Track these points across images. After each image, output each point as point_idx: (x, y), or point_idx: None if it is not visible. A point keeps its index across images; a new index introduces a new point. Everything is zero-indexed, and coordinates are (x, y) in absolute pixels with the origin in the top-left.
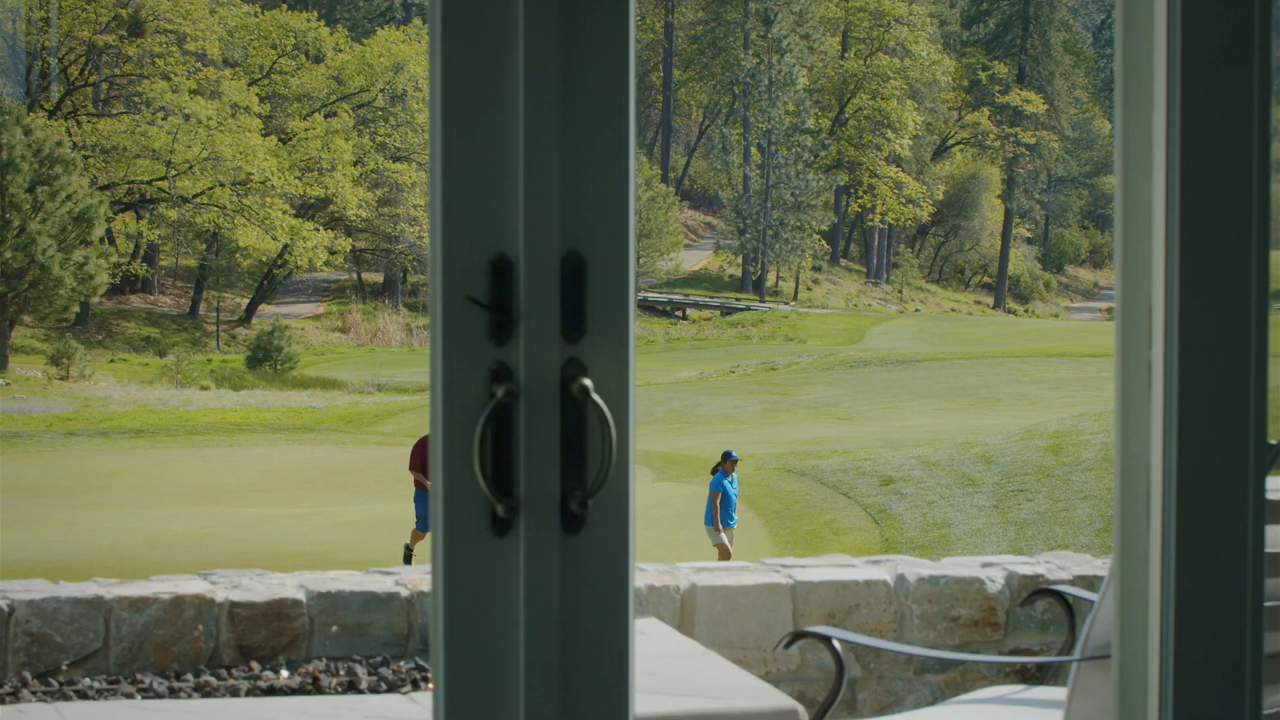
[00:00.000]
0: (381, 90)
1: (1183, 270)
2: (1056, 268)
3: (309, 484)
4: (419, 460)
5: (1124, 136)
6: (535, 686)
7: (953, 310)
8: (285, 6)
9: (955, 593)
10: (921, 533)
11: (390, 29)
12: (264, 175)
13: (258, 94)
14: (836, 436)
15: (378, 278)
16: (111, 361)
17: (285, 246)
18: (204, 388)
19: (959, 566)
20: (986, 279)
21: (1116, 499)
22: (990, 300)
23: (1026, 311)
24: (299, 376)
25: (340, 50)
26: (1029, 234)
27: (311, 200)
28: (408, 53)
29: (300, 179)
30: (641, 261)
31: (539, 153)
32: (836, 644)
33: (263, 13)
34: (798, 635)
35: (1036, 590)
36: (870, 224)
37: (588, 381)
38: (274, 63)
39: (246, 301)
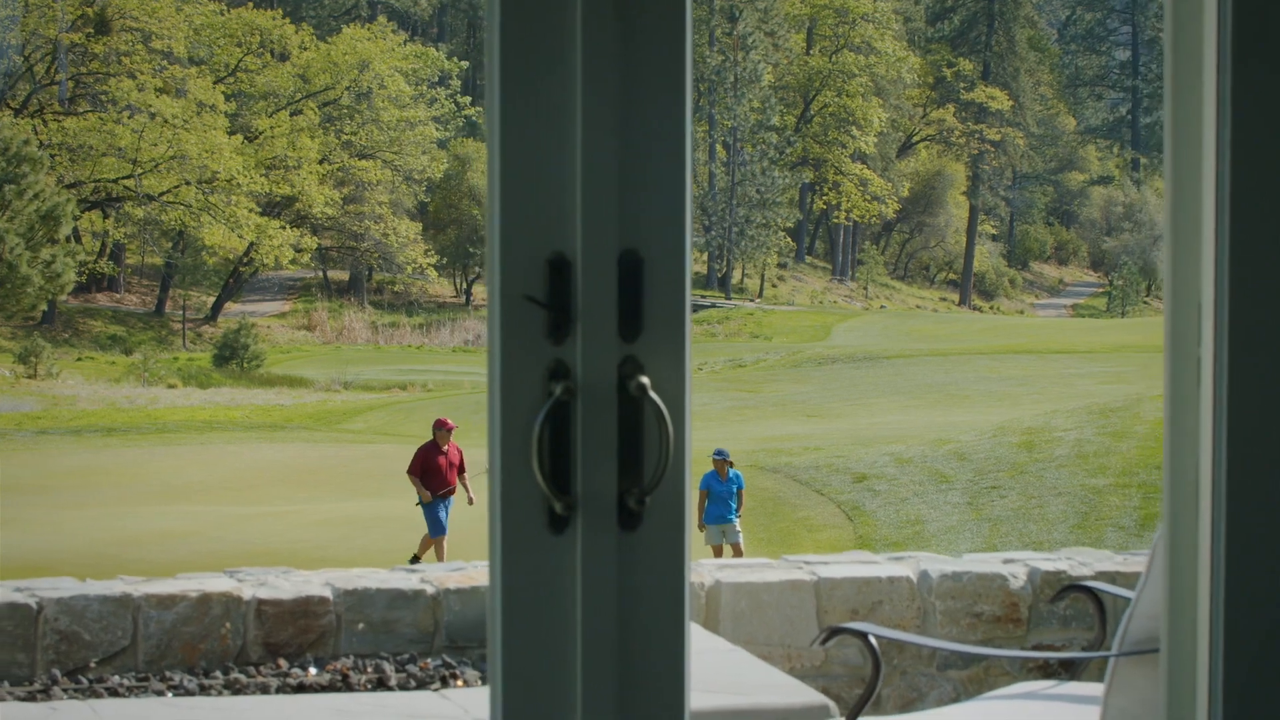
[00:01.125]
0: (347, 88)
1: (1233, 267)
2: (1021, 264)
3: (283, 482)
4: (419, 466)
5: (1173, 132)
6: (592, 683)
7: (918, 307)
8: (251, 5)
9: (978, 589)
10: (895, 530)
11: (355, 27)
12: (230, 173)
13: (223, 92)
14: (806, 434)
15: (343, 276)
16: (79, 360)
17: (251, 244)
18: (171, 386)
19: (980, 563)
20: (952, 276)
21: (1165, 495)
22: (955, 297)
23: (992, 308)
24: (266, 374)
25: (305, 48)
26: (994, 231)
27: (277, 198)
28: (373, 50)
29: (266, 177)
30: None
31: (596, 152)
32: (872, 640)
33: (228, 11)
34: (835, 631)
35: (1068, 586)
36: (835, 221)
37: (645, 379)
38: (239, 61)
39: (212, 300)
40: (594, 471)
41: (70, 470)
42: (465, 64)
